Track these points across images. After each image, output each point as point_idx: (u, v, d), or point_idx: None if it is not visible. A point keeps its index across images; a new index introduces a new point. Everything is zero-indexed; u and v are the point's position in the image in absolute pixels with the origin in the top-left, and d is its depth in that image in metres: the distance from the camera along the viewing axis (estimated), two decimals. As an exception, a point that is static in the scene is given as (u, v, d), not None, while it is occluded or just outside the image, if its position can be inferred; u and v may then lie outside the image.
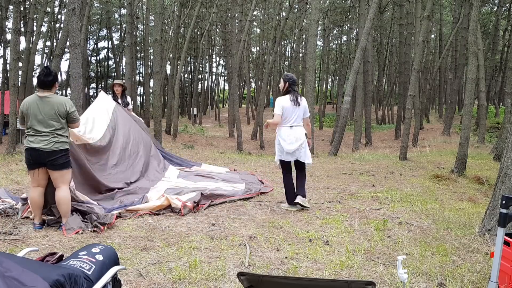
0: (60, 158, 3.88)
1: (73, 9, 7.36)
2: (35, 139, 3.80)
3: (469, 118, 7.94)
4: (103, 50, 42.47)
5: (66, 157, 3.96)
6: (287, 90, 4.87)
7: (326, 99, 38.62)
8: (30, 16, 14.28)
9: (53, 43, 25.56)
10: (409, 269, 3.08)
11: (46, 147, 3.79)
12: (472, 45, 7.91)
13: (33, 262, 1.69)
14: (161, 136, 13.65)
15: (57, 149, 3.84)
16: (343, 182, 6.80)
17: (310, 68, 11.48)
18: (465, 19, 16.18)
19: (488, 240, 3.75)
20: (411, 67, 12.56)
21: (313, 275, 2.98)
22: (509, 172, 3.76)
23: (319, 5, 12.27)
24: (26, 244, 3.55)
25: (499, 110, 24.06)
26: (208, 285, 2.80)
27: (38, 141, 3.79)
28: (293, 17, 29.02)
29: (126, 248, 3.48)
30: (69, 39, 8.24)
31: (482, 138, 14.29)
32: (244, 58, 25.76)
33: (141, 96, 37.36)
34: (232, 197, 5.29)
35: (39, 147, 3.78)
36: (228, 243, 3.66)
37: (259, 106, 19.24)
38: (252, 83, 41.23)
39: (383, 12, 27.28)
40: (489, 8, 27.19)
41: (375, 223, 4.29)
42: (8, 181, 6.41)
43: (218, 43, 40.94)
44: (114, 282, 1.92)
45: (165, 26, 30.17)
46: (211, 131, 24.06)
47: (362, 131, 16.44)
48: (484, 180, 6.88)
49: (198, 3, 19.61)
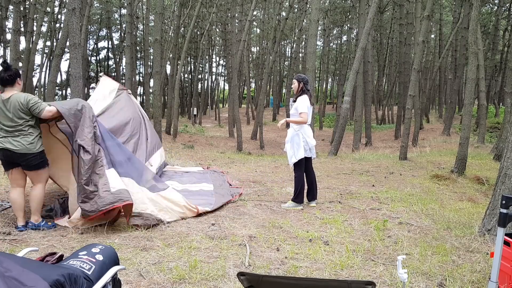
0: (33, 159, 3.81)
1: (73, 9, 7.36)
2: (6, 140, 3.74)
3: (469, 118, 7.94)
4: (103, 50, 42.48)
5: (40, 157, 3.86)
6: (302, 90, 4.95)
7: (326, 99, 38.63)
8: (30, 16, 14.30)
9: (53, 43, 25.56)
10: (409, 269, 3.08)
11: (16, 148, 3.73)
12: (472, 45, 7.91)
13: (33, 262, 1.69)
14: (161, 136, 13.65)
15: (29, 152, 3.76)
16: (343, 182, 6.80)
17: (310, 68, 11.48)
18: (465, 19, 16.19)
19: (488, 240, 3.75)
20: (411, 67, 12.56)
21: (313, 275, 2.98)
22: (509, 172, 3.76)
23: (319, 5, 12.27)
24: (26, 244, 3.55)
25: (499, 110, 24.07)
26: (208, 285, 2.80)
27: (10, 142, 3.74)
28: (293, 17, 29.03)
29: (126, 248, 3.48)
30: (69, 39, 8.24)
31: (482, 138, 14.29)
32: (244, 58, 25.78)
33: (141, 96, 37.36)
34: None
35: (11, 147, 3.73)
36: (228, 243, 3.66)
37: (259, 106, 19.24)
38: (252, 83, 41.23)
39: (383, 12, 27.28)
40: (489, 8, 27.20)
41: (375, 223, 4.29)
42: (8, 181, 6.40)
43: (218, 43, 40.94)
44: (114, 282, 1.92)
45: (165, 26, 30.17)
46: (211, 131, 24.06)
47: (362, 131, 16.44)
48: (484, 180, 6.88)
49: (198, 3, 19.60)
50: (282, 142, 17.76)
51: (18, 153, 3.74)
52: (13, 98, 3.75)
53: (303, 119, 4.82)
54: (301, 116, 4.83)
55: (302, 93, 4.94)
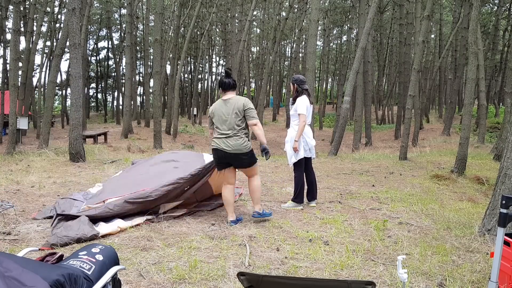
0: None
1: (73, 9, 7.36)
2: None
3: (469, 118, 7.93)
4: (103, 50, 42.47)
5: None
6: (297, 91, 4.96)
7: (326, 99, 38.63)
8: (30, 16, 14.30)
9: (53, 43, 25.55)
10: (409, 269, 3.08)
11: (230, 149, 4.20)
12: (472, 45, 7.91)
13: (33, 262, 1.69)
14: (161, 136, 13.65)
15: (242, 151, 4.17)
16: (343, 182, 6.80)
17: (310, 68, 11.48)
18: (465, 19, 16.19)
19: (488, 240, 3.75)
20: (411, 67, 12.56)
21: (313, 275, 2.98)
22: (509, 172, 3.76)
23: (319, 5, 12.27)
24: (26, 244, 3.55)
25: (499, 110, 24.07)
26: (208, 285, 2.80)
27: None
28: (293, 17, 29.04)
29: (126, 248, 3.48)
30: (69, 39, 8.25)
31: (482, 138, 14.29)
32: (244, 58, 25.76)
33: (141, 96, 37.39)
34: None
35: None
36: (228, 243, 3.66)
37: (259, 106, 19.24)
38: (252, 83, 41.22)
39: (383, 12, 27.29)
40: (489, 8, 27.21)
41: (375, 223, 4.29)
42: (8, 181, 6.42)
43: (218, 43, 40.95)
44: (114, 282, 1.92)
45: (165, 26, 30.17)
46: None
47: (362, 131, 16.44)
48: (484, 180, 6.88)
49: (198, 3, 19.60)
50: (282, 142, 17.76)
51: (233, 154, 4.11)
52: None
53: (302, 121, 4.82)
54: (300, 118, 4.83)
55: (301, 94, 4.93)
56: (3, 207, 4.43)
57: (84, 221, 3.81)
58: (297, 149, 4.83)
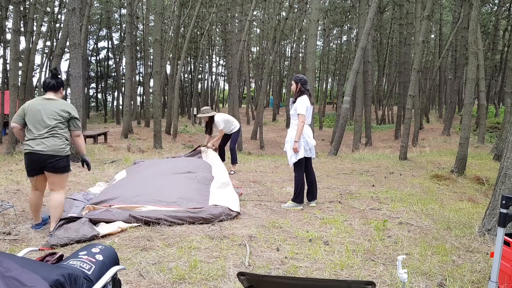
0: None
1: (73, 9, 7.36)
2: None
3: (469, 118, 7.94)
4: (103, 50, 42.45)
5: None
6: (300, 91, 4.94)
7: (326, 99, 38.58)
8: (30, 16, 14.27)
9: (53, 43, 25.54)
10: (409, 269, 3.08)
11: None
12: (472, 45, 7.91)
13: (33, 262, 1.69)
14: (161, 136, 13.65)
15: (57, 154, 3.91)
16: (343, 182, 6.80)
17: (310, 68, 11.48)
18: (465, 19, 16.19)
19: (488, 240, 3.75)
20: (411, 67, 12.56)
21: (313, 275, 2.98)
22: (509, 172, 3.76)
23: (319, 5, 12.26)
24: (26, 244, 3.55)
25: (499, 110, 24.07)
26: (208, 285, 2.80)
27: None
28: (293, 17, 29.01)
29: (126, 248, 3.48)
30: (69, 39, 8.25)
31: (482, 138, 14.29)
32: (244, 58, 25.77)
33: (141, 96, 37.34)
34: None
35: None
36: (228, 243, 3.66)
37: (259, 106, 19.24)
38: (252, 83, 41.22)
39: (383, 12, 27.26)
40: (489, 8, 27.18)
41: (375, 223, 4.29)
42: (8, 181, 6.41)
43: (218, 43, 40.91)
44: (114, 282, 1.92)
45: (165, 26, 30.15)
46: (211, 131, 24.01)
47: (362, 131, 16.44)
48: (484, 180, 6.88)
49: (198, 3, 19.60)
50: (282, 142, 17.77)
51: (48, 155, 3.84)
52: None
53: (301, 121, 4.82)
54: (298, 118, 4.83)
55: (302, 94, 4.94)
56: (3, 207, 4.44)
57: (85, 222, 3.86)
58: (297, 150, 4.83)
